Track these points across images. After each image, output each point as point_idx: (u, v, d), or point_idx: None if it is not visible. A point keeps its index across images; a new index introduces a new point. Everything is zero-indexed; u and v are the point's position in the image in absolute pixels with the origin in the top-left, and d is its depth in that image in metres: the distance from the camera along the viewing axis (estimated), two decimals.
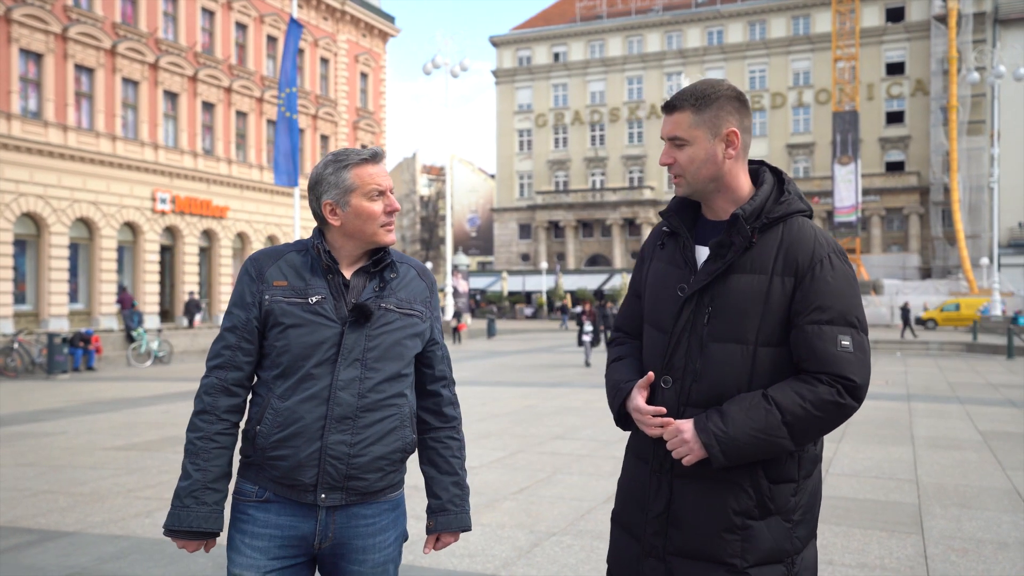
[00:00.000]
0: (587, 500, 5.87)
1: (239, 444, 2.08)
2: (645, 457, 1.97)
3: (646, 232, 58.18)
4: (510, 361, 20.40)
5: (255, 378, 2.11)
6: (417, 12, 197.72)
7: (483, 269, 66.33)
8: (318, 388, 2.01)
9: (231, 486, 2.08)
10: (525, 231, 63.26)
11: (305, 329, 2.02)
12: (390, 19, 43.77)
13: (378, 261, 2.12)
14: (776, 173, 1.99)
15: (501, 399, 12.00)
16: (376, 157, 2.11)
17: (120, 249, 29.23)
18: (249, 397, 2.12)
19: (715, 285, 1.88)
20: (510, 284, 57.82)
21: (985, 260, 41.44)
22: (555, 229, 61.45)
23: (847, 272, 1.87)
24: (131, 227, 29.54)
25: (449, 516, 2.18)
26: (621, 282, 53.02)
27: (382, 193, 2.09)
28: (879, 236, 52.71)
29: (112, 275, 28.38)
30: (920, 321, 39.51)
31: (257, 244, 35.03)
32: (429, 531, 2.20)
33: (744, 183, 1.96)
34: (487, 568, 4.40)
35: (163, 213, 30.46)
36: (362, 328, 2.04)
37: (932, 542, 4.97)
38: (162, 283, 30.98)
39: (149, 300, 29.73)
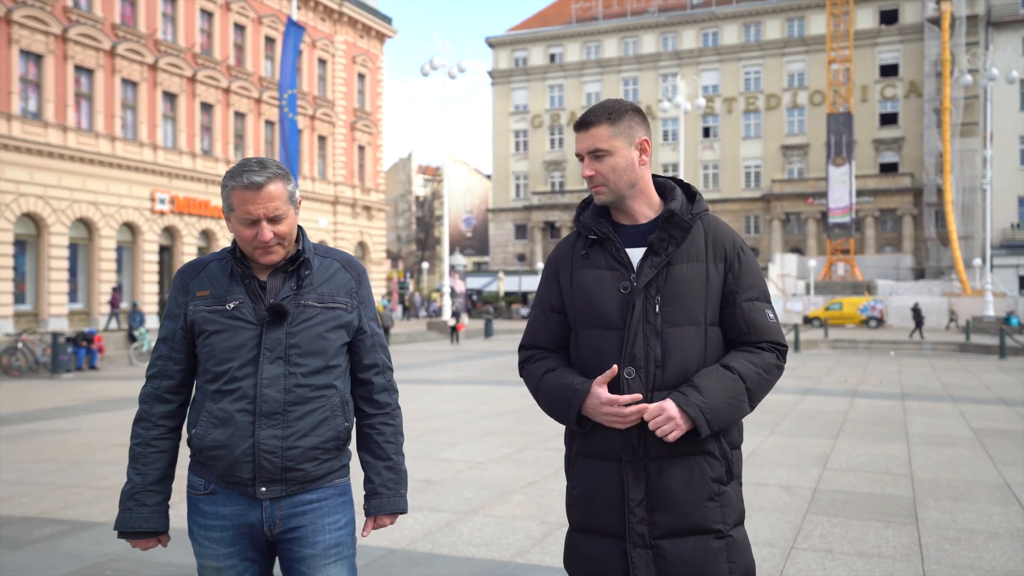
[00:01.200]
0: None
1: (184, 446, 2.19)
2: (614, 454, 2.04)
3: None
4: (509, 361, 20.61)
5: (192, 385, 2.21)
6: (413, 12, 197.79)
7: (479, 269, 66.53)
8: (244, 388, 2.09)
9: (179, 484, 2.20)
10: (521, 231, 63.49)
11: (226, 334, 2.11)
12: (387, 20, 43.96)
13: (293, 259, 2.17)
14: (676, 180, 2.22)
15: (503, 397, 12.21)
16: (255, 186, 2.06)
17: (119, 249, 29.37)
18: (188, 402, 2.22)
19: (659, 278, 2.05)
20: (506, 284, 58.05)
21: (978, 261, 41.80)
22: (551, 229, 61.69)
23: (754, 257, 2.21)
24: (130, 227, 29.68)
25: (382, 499, 2.25)
26: None
27: (255, 222, 2.08)
28: (873, 237, 53.06)
29: (111, 275, 28.52)
30: (807, 320, 40.26)
31: None
32: (366, 514, 2.28)
33: (654, 188, 2.17)
34: (503, 556, 4.61)
35: (162, 213, 30.61)
36: (280, 326, 2.11)
37: (926, 532, 5.19)
38: (161, 283, 31.12)
39: (148, 300, 29.87)
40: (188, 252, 31.83)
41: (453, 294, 37.50)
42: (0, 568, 4.37)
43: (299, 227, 2.21)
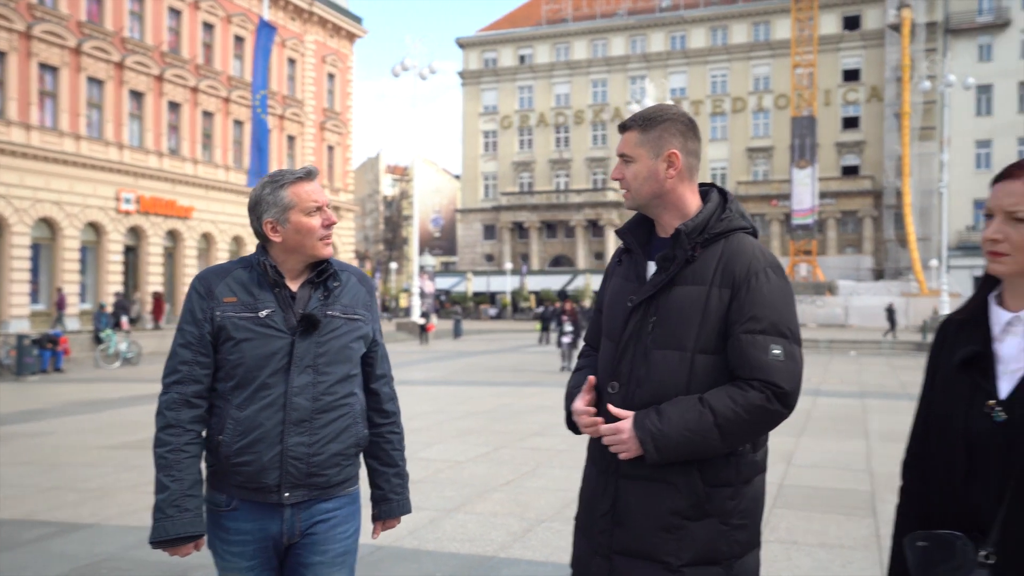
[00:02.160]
0: (571, 491, 6.30)
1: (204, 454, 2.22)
2: (596, 461, 2.09)
3: (609, 233, 58.92)
4: (480, 361, 20.78)
5: (212, 390, 2.22)
6: (382, 12, 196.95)
7: (447, 269, 66.61)
8: (274, 396, 2.13)
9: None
10: (490, 232, 63.66)
11: (258, 342, 2.14)
12: (357, 20, 43.88)
13: (321, 272, 2.24)
14: (723, 193, 2.10)
15: (477, 398, 12.39)
16: (310, 175, 2.24)
17: (83, 249, 29.03)
18: (210, 407, 2.23)
19: (659, 296, 2.00)
20: (475, 285, 58.18)
21: (935, 262, 42.78)
22: (519, 230, 61.94)
23: (782, 286, 1.97)
24: (95, 227, 29.35)
25: (391, 504, 2.37)
26: (585, 283, 53.67)
27: (319, 208, 2.22)
28: (835, 238, 54.04)
29: (75, 276, 28.21)
30: None
31: (223, 245, 34.98)
32: (375, 519, 2.38)
33: (691, 202, 2.06)
34: (487, 551, 4.81)
35: (127, 213, 30.31)
36: (311, 336, 2.17)
37: (884, 524, 5.48)
38: (126, 284, 30.82)
39: (112, 301, 29.54)
40: (154, 252, 31.57)
41: (422, 294, 37.57)
42: None
43: None
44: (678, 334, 1.97)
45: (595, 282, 53.49)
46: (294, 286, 2.22)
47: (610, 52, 60.81)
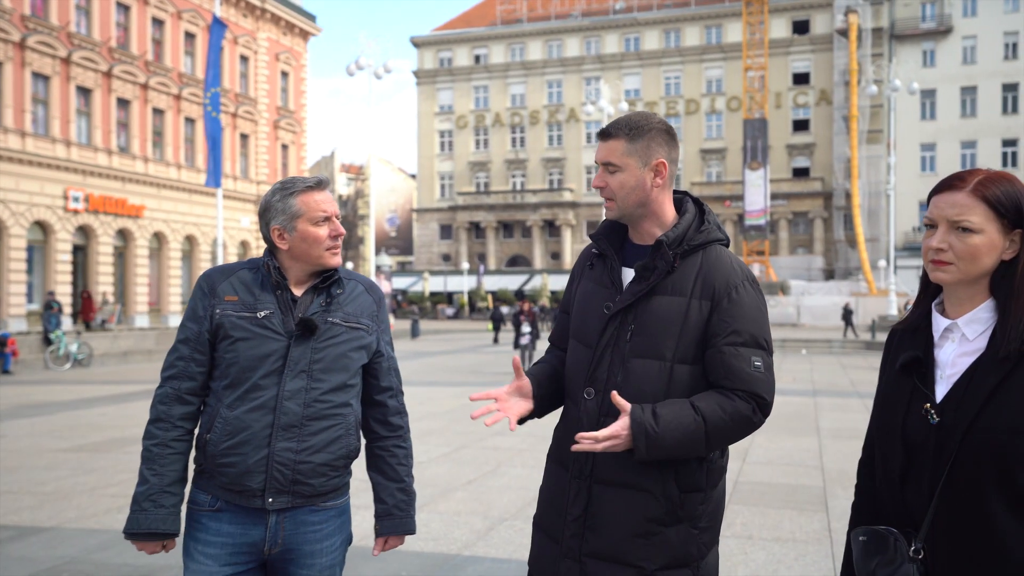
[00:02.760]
0: (532, 489, 6.39)
1: (193, 452, 2.19)
2: (566, 464, 2.06)
3: (565, 233, 59.29)
4: (438, 362, 20.80)
5: (207, 388, 2.21)
6: (335, 8, 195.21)
7: (403, 269, 66.36)
8: (265, 398, 2.11)
9: (187, 494, 2.21)
10: (446, 232, 63.59)
11: (253, 342, 2.13)
12: (311, 17, 43.50)
13: (327, 278, 2.23)
14: (698, 204, 2.13)
15: (436, 399, 12.44)
16: (321, 184, 2.23)
17: (30, 249, 28.35)
18: (203, 405, 2.22)
19: (638, 305, 2.01)
20: (431, 284, 58.08)
21: (883, 262, 43.83)
22: (476, 230, 61.98)
23: (758, 299, 2.04)
24: (42, 226, 28.68)
25: (395, 520, 2.32)
26: (542, 283, 53.91)
27: (327, 219, 2.20)
28: (786, 239, 55.06)
29: (22, 275, 27.53)
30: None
31: (175, 244, 34.43)
32: (377, 534, 2.33)
33: (669, 211, 2.10)
34: (451, 549, 4.88)
35: (76, 212, 29.67)
36: (308, 341, 2.14)
37: (835, 518, 5.67)
38: (74, 284, 30.17)
39: (62, 301, 28.90)
40: (104, 252, 30.95)
41: None
42: None
43: None
44: (657, 344, 1.99)
45: (552, 282, 53.80)
46: (298, 291, 2.22)
47: (565, 53, 61.14)
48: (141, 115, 32.89)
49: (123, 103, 32.26)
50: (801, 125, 56.44)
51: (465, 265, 56.65)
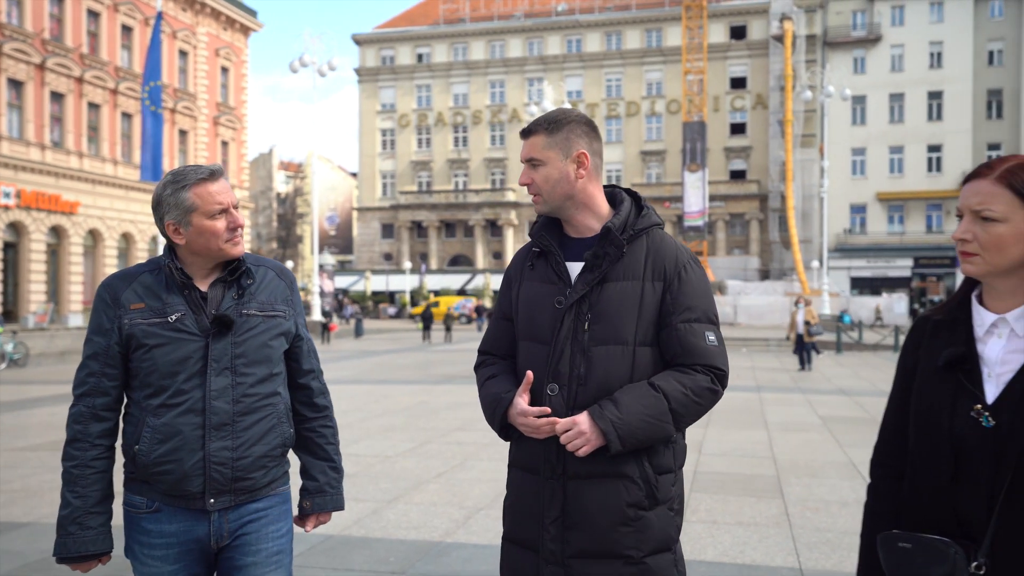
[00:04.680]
0: (502, 481, 6.52)
1: (120, 461, 2.13)
2: (534, 468, 2.04)
3: (508, 233, 59.58)
4: (387, 360, 20.82)
5: (124, 399, 2.14)
6: (275, 4, 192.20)
7: (343, 268, 65.80)
8: (192, 401, 2.05)
9: (120, 497, 2.15)
10: (388, 231, 63.30)
11: (170, 347, 2.06)
12: (252, 13, 42.91)
13: (234, 270, 2.16)
14: (631, 193, 2.17)
15: (392, 396, 12.52)
16: (215, 175, 2.13)
17: None
18: (122, 417, 2.15)
19: (592, 294, 2.01)
20: (374, 283, 57.80)
21: (816, 263, 45.20)
22: (418, 229, 61.86)
23: (703, 276, 2.10)
24: None
25: (326, 497, 2.30)
26: (484, 282, 54.10)
27: (224, 211, 2.12)
28: (723, 240, 56.32)
29: None
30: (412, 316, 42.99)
31: (111, 242, 33.64)
32: (306, 511, 2.29)
33: (601, 202, 2.12)
34: (433, 536, 5.03)
35: (6, 208, 28.82)
36: (226, 337, 2.09)
37: (791, 504, 6.00)
38: (4, 282, 29.27)
39: None
40: (36, 249, 30.08)
41: (322, 293, 37.09)
42: None
43: None
44: (617, 329, 2.00)
45: (494, 281, 53.99)
46: (204, 286, 2.14)
47: (507, 53, 61.43)
48: (76, 109, 32.08)
49: (57, 97, 31.42)
50: (738, 128, 57.80)
51: (407, 264, 56.53)
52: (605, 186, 2.18)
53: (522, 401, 2.00)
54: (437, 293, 54.28)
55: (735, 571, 4.54)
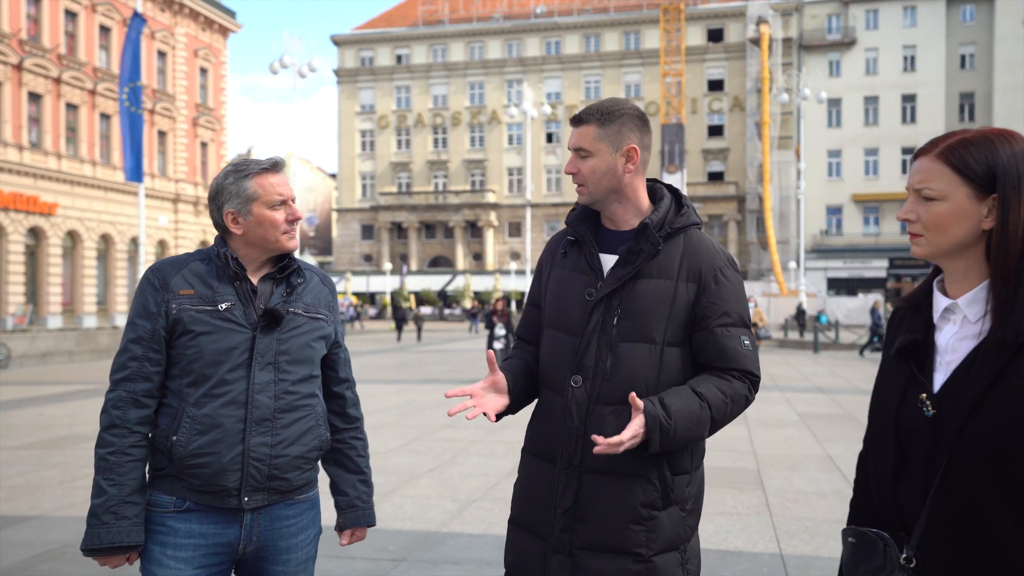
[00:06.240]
0: (493, 475, 6.78)
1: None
2: (549, 456, 2.03)
3: (488, 234, 59.75)
4: (371, 361, 20.94)
5: (163, 388, 2.09)
6: (252, 4, 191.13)
7: (323, 269, 65.58)
8: (235, 393, 2.03)
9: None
10: (368, 232, 63.27)
11: (216, 336, 2.04)
12: (231, 14, 42.79)
13: (284, 267, 2.16)
14: (672, 190, 2.14)
15: (379, 395, 12.67)
16: (276, 167, 2.14)
17: None
18: (157, 407, 2.09)
19: (623, 289, 1.99)
20: (354, 285, 57.74)
21: (793, 264, 45.74)
22: (398, 230, 61.88)
23: (739, 279, 2.08)
24: None
25: (358, 512, 2.27)
26: (464, 283, 54.23)
27: (284, 202, 2.12)
28: None
29: None
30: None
31: (89, 243, 33.45)
32: (340, 527, 2.27)
33: (643, 196, 2.09)
34: (428, 527, 5.22)
35: None
36: (273, 332, 2.07)
37: (771, 495, 6.24)
38: None
39: None
40: (15, 251, 29.87)
41: None
42: None
43: None
44: (647, 327, 1.98)
45: (475, 282, 54.18)
46: (254, 279, 2.14)
47: (487, 55, 61.59)
48: (54, 110, 31.88)
49: (35, 97, 31.22)
50: (716, 130, 58.31)
51: (387, 265, 56.55)
52: (648, 180, 2.17)
53: (478, 384, 2.04)
54: (418, 294, 54.35)
55: (718, 557, 4.77)
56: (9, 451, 7.99)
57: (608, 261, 2.05)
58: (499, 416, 2.05)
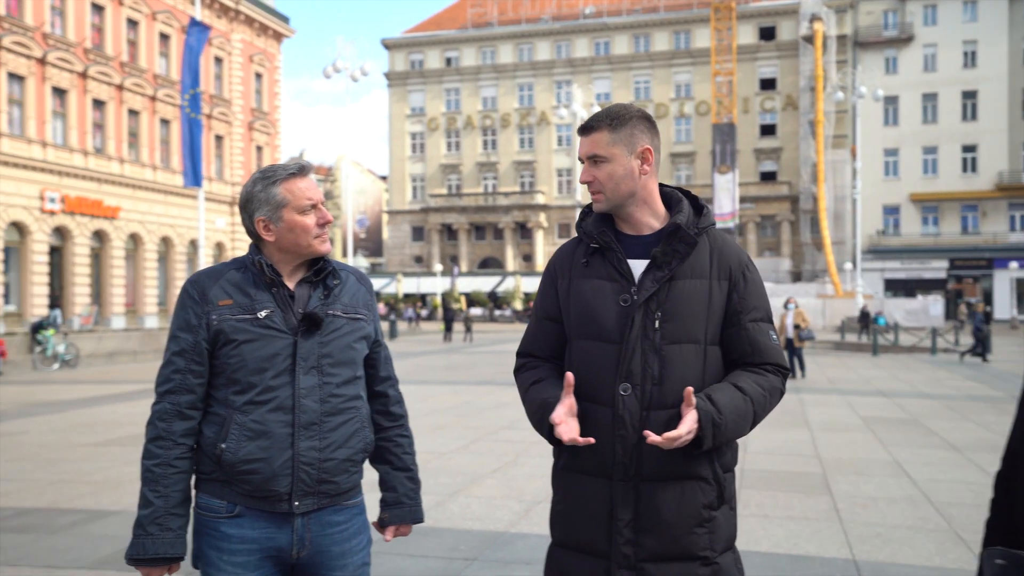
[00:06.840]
0: None
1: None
2: (598, 471, 1.98)
3: (537, 236, 59.82)
4: (425, 362, 21.14)
5: (208, 398, 2.11)
6: (303, 9, 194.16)
7: (373, 270, 66.43)
8: (281, 398, 2.04)
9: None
10: (418, 233, 63.82)
11: (258, 343, 2.05)
12: (285, 19, 43.55)
13: (319, 270, 2.15)
14: (683, 191, 2.13)
15: (436, 396, 12.81)
16: (304, 171, 2.14)
17: (7, 250, 28.21)
18: (202, 417, 2.11)
19: (660, 292, 1.98)
20: (405, 286, 58.29)
21: (849, 265, 44.95)
22: (448, 232, 62.31)
23: (759, 275, 2.13)
24: (18, 227, 28.54)
25: (405, 509, 2.27)
26: (514, 284, 54.38)
27: (314, 206, 2.12)
28: (754, 242, 56.13)
29: None
30: None
31: (151, 245, 34.34)
32: (385, 523, 2.25)
33: (658, 198, 2.08)
34: (497, 527, 5.29)
35: (52, 213, 29.54)
36: (314, 336, 2.08)
37: (839, 500, 6.17)
38: (51, 284, 30.00)
39: (37, 303, 28.78)
40: (80, 253, 30.80)
41: None
42: (46, 550, 4.72)
43: None
44: (690, 327, 1.98)
45: (525, 284, 54.26)
46: (291, 284, 2.14)
47: (536, 57, 61.69)
48: (116, 116, 32.80)
49: (98, 104, 32.15)
50: (768, 130, 57.58)
51: (438, 267, 56.96)
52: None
53: (562, 409, 1.95)
54: (468, 295, 54.65)
55: (789, 562, 4.74)
56: (88, 447, 8.28)
57: (635, 266, 2.03)
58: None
